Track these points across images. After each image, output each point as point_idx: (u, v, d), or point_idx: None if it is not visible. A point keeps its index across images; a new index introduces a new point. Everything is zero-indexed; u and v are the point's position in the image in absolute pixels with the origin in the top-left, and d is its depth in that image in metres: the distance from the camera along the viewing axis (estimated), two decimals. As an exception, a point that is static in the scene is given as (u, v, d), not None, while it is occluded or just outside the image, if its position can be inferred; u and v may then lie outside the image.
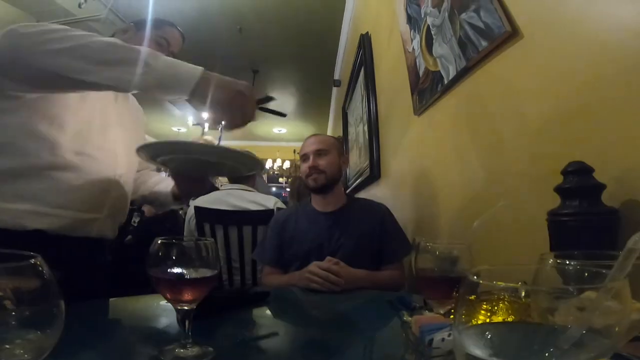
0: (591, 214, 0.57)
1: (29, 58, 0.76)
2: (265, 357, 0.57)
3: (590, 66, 0.70)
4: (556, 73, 0.79)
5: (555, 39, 0.79)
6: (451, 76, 1.24)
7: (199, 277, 0.53)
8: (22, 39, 0.76)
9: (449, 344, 0.48)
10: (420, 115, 1.58)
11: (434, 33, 1.37)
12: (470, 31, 1.08)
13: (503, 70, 0.99)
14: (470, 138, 1.17)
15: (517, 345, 0.28)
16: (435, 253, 0.62)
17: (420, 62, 1.53)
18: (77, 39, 0.76)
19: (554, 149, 0.78)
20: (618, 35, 0.64)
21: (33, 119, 0.85)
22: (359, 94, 2.90)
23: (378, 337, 0.66)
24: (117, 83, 0.77)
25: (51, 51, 0.75)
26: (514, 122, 0.94)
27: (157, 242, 0.53)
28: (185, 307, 0.53)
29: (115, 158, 1.02)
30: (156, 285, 0.53)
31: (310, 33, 4.25)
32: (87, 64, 0.75)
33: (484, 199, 1.07)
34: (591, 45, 0.70)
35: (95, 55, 0.75)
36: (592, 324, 0.25)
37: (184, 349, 0.53)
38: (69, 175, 0.90)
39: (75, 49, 0.75)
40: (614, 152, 0.64)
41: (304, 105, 6.72)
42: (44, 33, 0.76)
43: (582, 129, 0.71)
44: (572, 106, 0.74)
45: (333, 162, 1.45)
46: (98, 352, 0.59)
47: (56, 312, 0.29)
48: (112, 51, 0.77)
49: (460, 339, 0.27)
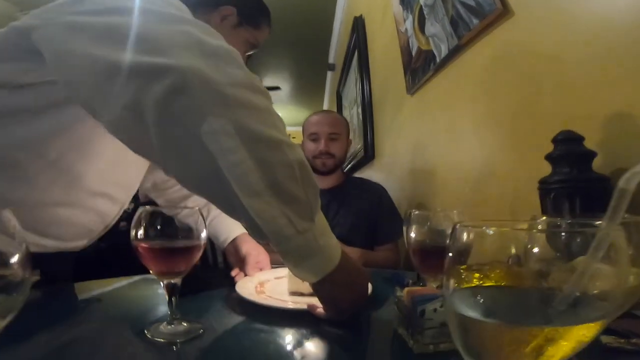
0: (581, 180, 0.56)
1: None
2: (254, 333, 0.56)
3: (580, 42, 0.70)
4: (546, 49, 0.79)
5: (545, 16, 0.79)
6: (443, 55, 1.23)
7: (185, 245, 0.52)
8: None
9: (441, 315, 0.47)
10: (414, 94, 1.57)
11: (426, 13, 1.36)
12: (462, 9, 1.08)
13: (494, 48, 0.98)
14: (463, 115, 1.16)
15: (512, 306, 0.27)
16: (427, 223, 0.60)
17: (413, 42, 1.51)
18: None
19: (546, 122, 0.78)
20: (606, 11, 0.64)
21: (59, 140, 0.70)
22: (353, 77, 2.88)
23: (372, 313, 0.65)
24: (263, 223, 0.48)
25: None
26: (505, 98, 0.93)
27: (141, 211, 0.52)
28: (171, 281, 0.52)
29: (129, 193, 0.90)
30: (141, 256, 0.51)
31: (304, 17, 4.18)
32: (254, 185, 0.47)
33: (477, 175, 1.06)
34: (580, 21, 0.70)
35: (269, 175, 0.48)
36: (587, 284, 0.24)
37: (171, 325, 0.52)
38: (74, 212, 0.78)
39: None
40: (606, 124, 0.64)
41: (299, 90, 6.66)
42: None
43: (572, 103, 0.72)
44: (563, 81, 0.74)
45: (343, 146, 1.43)
46: (82, 329, 0.58)
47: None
48: (290, 177, 0.49)
49: (451, 301, 0.26)
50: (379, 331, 0.61)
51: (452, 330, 0.27)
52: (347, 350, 0.52)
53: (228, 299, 0.72)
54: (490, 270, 0.32)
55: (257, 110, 0.49)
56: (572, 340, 0.23)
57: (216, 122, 0.45)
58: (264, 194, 0.47)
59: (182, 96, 0.45)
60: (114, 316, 0.66)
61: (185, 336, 0.51)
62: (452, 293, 0.27)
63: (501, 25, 0.93)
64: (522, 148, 0.86)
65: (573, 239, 0.27)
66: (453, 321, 0.26)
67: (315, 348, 0.52)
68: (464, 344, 0.26)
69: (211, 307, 0.69)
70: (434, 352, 0.47)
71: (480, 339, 0.25)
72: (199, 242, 0.53)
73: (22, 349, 0.48)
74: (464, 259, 0.26)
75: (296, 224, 0.49)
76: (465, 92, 1.15)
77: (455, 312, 0.25)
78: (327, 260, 0.53)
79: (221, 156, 0.45)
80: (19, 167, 0.68)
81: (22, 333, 0.50)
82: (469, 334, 0.25)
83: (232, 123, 0.46)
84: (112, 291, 0.82)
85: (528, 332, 0.23)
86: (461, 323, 0.25)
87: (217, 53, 0.50)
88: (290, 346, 0.51)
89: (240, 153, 0.45)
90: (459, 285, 0.27)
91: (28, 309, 0.30)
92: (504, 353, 0.24)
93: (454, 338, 0.27)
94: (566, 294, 0.23)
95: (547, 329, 0.22)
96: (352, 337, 0.56)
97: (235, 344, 0.53)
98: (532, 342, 0.22)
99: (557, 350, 0.23)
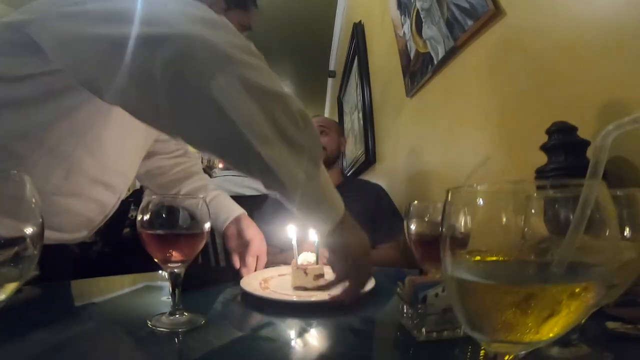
0: (576, 167, 0.57)
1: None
2: (257, 326, 0.56)
3: (570, 38, 0.72)
4: (538, 46, 0.81)
5: (536, 15, 0.81)
6: (440, 56, 1.25)
7: (189, 232, 0.53)
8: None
9: (443, 300, 0.47)
10: (413, 97, 1.58)
11: (423, 16, 1.38)
12: (457, 11, 1.10)
13: (489, 47, 1.00)
14: (461, 115, 1.17)
15: (511, 273, 0.27)
16: (426, 214, 0.61)
17: (411, 45, 1.53)
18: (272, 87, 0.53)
19: (541, 117, 0.79)
20: (595, 7, 0.67)
21: (58, 128, 0.69)
22: (354, 83, 2.90)
23: (376, 308, 0.65)
24: (278, 172, 0.51)
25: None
26: (501, 96, 0.95)
27: (147, 199, 0.53)
28: (175, 270, 0.52)
29: (126, 181, 0.90)
30: (146, 244, 0.52)
31: (304, 25, 4.23)
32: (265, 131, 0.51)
33: (476, 175, 1.07)
34: (570, 18, 0.72)
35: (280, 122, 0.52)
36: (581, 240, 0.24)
37: (174, 316, 0.52)
38: (72, 201, 0.78)
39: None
40: (598, 115, 0.66)
41: (300, 98, 6.55)
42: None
43: (566, 96, 0.73)
44: (556, 76, 0.76)
45: (332, 141, 1.54)
46: (83, 322, 0.58)
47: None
48: (295, 126, 0.53)
49: (450, 269, 0.26)
50: (383, 324, 0.61)
51: (453, 301, 0.27)
52: (352, 343, 0.52)
53: (232, 294, 0.72)
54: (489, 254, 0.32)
55: (257, 68, 0.52)
56: (573, 302, 0.23)
57: (223, 79, 0.48)
58: (275, 142, 0.50)
59: (189, 58, 0.48)
60: (115, 311, 0.66)
61: (187, 326, 0.51)
62: (453, 264, 0.27)
63: (495, 25, 0.96)
64: (520, 143, 0.87)
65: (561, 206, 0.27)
66: (454, 288, 0.26)
67: (320, 340, 0.52)
68: (466, 314, 0.26)
69: (214, 301, 0.69)
70: (437, 340, 0.47)
71: (482, 303, 0.25)
72: (202, 230, 0.54)
73: (24, 341, 0.48)
74: (458, 224, 0.26)
75: (305, 168, 0.53)
76: (462, 92, 1.16)
77: (456, 278, 0.26)
78: (336, 207, 0.59)
79: (232, 109, 0.48)
80: (17, 157, 0.69)
81: (23, 327, 0.51)
82: (470, 299, 0.26)
83: (238, 78, 0.49)
84: (114, 286, 0.82)
85: (527, 291, 0.23)
86: (461, 288, 0.26)
87: (214, 23, 0.54)
88: (296, 337, 0.51)
89: (250, 105, 0.49)
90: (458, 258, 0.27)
91: (28, 305, 0.30)
92: (506, 317, 0.24)
93: (456, 310, 0.27)
94: (562, 254, 0.23)
95: (547, 287, 0.23)
96: (357, 329, 0.56)
97: (238, 335, 0.53)
98: (533, 304, 0.23)
99: (559, 314, 0.23)
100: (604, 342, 0.44)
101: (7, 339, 0.47)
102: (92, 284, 0.84)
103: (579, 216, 0.23)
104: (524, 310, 0.23)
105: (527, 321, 0.24)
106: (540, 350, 0.24)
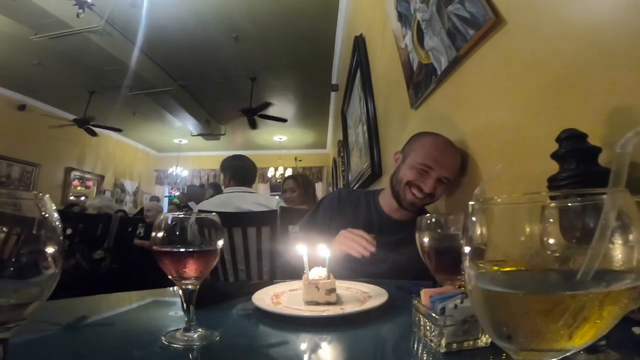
0: (588, 174, 0.56)
1: None
2: (271, 342, 0.55)
3: (572, 46, 0.72)
4: (541, 54, 0.81)
5: (536, 22, 0.82)
6: (443, 67, 1.25)
7: (202, 249, 0.53)
8: None
9: (462, 311, 0.47)
10: (417, 108, 1.58)
11: (424, 27, 1.39)
12: (458, 22, 1.11)
13: (492, 56, 1.00)
14: (466, 125, 1.17)
15: (536, 283, 0.27)
16: (438, 226, 0.61)
17: (414, 56, 1.54)
18: None
19: (549, 125, 0.78)
20: (595, 13, 0.67)
21: None
22: (357, 96, 2.91)
23: (389, 320, 0.64)
24: None
25: None
26: (508, 104, 0.94)
27: (161, 218, 0.54)
28: (189, 287, 0.52)
29: None
30: (160, 261, 0.52)
31: (305, 39, 4.30)
32: None
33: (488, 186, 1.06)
34: (571, 25, 0.72)
35: None
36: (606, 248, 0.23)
37: (188, 332, 0.52)
38: None
39: None
40: (607, 122, 0.65)
41: (303, 112, 6.75)
42: None
43: (572, 102, 0.73)
44: (562, 83, 0.76)
45: (446, 190, 1.25)
46: (102, 338, 0.58)
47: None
48: None
49: (475, 281, 0.26)
50: (397, 336, 0.60)
51: (478, 312, 0.26)
52: (368, 357, 0.51)
53: (244, 310, 0.71)
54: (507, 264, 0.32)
55: None
56: (602, 309, 0.23)
57: None
58: None
59: None
60: (127, 327, 0.65)
61: (202, 342, 0.51)
62: (477, 276, 0.26)
63: (497, 33, 0.96)
64: (529, 151, 0.87)
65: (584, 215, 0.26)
66: (479, 299, 0.26)
67: (334, 355, 0.51)
68: (493, 324, 0.26)
69: (227, 316, 0.68)
70: (457, 351, 0.46)
71: (511, 313, 0.25)
72: (216, 247, 0.55)
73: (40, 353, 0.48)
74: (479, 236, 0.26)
75: None
76: (468, 101, 1.16)
77: (482, 289, 0.25)
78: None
79: None
80: None
81: (36, 342, 0.50)
82: (497, 309, 0.25)
83: None
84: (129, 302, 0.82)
85: (558, 299, 0.22)
86: (488, 299, 0.25)
87: None
88: (310, 352, 0.51)
89: None
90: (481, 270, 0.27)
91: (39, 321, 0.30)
92: (537, 326, 0.24)
93: (481, 321, 0.27)
94: (589, 262, 0.23)
95: (576, 295, 0.22)
96: (371, 343, 0.56)
97: (252, 350, 0.52)
98: (561, 312, 0.22)
99: (591, 321, 0.23)
100: (632, 348, 0.43)
101: (17, 356, 0.47)
102: (101, 299, 0.84)
103: (604, 224, 0.23)
104: (554, 319, 0.23)
105: (558, 329, 0.24)
106: (567, 358, 0.24)
